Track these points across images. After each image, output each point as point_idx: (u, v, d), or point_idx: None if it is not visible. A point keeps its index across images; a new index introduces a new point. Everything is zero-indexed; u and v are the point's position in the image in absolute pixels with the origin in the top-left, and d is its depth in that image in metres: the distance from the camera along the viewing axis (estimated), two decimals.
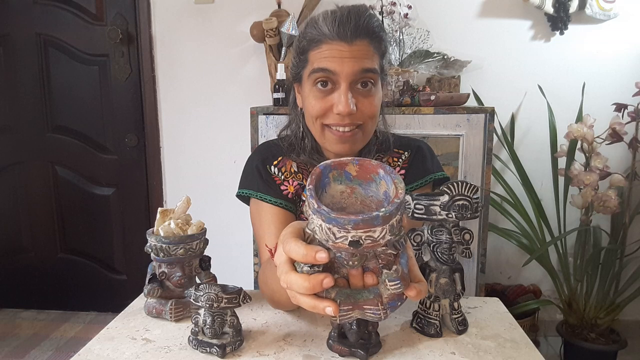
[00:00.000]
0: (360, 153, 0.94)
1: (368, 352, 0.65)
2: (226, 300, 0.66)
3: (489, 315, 0.81)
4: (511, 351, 0.69)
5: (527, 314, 1.95)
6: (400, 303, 0.51)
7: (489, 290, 2.05)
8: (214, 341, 0.67)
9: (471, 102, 1.88)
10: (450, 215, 0.67)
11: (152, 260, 0.80)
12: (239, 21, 2.09)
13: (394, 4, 1.87)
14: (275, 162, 0.97)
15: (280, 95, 1.69)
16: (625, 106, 1.75)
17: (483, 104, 1.97)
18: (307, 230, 0.51)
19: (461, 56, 1.94)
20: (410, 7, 1.88)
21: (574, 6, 1.93)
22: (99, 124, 2.29)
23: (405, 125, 1.58)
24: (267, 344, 0.71)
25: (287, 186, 0.95)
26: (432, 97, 1.58)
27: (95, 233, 2.40)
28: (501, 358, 0.67)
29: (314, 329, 0.75)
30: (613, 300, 1.86)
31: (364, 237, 0.44)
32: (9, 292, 2.46)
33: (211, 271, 0.84)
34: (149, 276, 0.80)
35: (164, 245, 0.76)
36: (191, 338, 0.69)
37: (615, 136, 1.73)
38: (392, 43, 1.87)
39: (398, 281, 0.49)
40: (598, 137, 1.77)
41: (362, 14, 0.81)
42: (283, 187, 0.95)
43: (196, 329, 0.68)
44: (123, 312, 0.83)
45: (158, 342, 0.72)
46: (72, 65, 2.24)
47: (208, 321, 0.67)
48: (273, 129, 1.63)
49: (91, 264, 2.43)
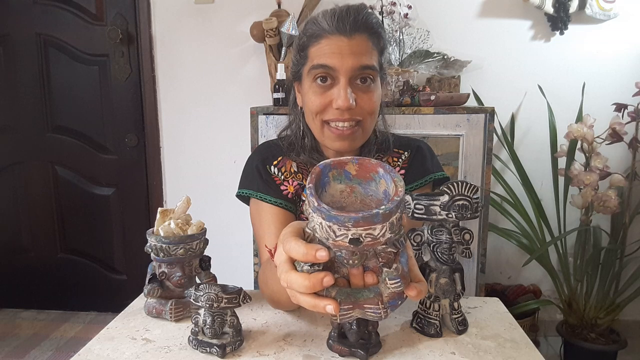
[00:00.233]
0: (361, 153, 0.94)
1: (368, 352, 0.65)
2: (226, 300, 0.66)
3: (489, 315, 0.81)
4: (511, 351, 0.69)
5: (527, 314, 1.95)
6: (400, 302, 0.51)
7: (489, 290, 2.05)
8: (214, 341, 0.67)
9: (471, 102, 1.88)
10: (450, 215, 0.67)
11: (152, 260, 0.80)
12: (239, 21, 2.09)
13: (394, 4, 1.87)
14: (275, 162, 0.97)
15: (280, 95, 1.69)
16: (625, 106, 1.75)
17: (483, 104, 1.97)
18: (307, 229, 0.51)
19: (461, 56, 1.94)
20: (410, 7, 1.88)
21: (574, 6, 1.93)
22: (99, 124, 2.29)
23: (405, 125, 1.58)
24: (267, 344, 0.71)
25: (287, 186, 0.95)
26: (432, 97, 1.58)
27: (95, 233, 2.40)
28: (501, 358, 0.67)
29: (314, 329, 0.75)
30: (613, 300, 1.86)
31: (364, 235, 0.44)
32: (9, 292, 2.47)
33: (211, 271, 0.84)
34: (149, 276, 0.80)
35: (164, 245, 0.76)
36: (191, 338, 0.69)
37: (615, 136, 1.73)
38: (392, 43, 1.87)
39: (398, 279, 0.49)
40: (598, 137, 1.77)
41: (361, 10, 0.84)
42: (283, 187, 0.95)
43: (196, 329, 0.68)
44: (123, 312, 0.83)
45: (158, 342, 0.72)
46: (72, 65, 2.24)
47: (208, 321, 0.67)
48: (273, 129, 1.63)
49: (91, 264, 2.43)
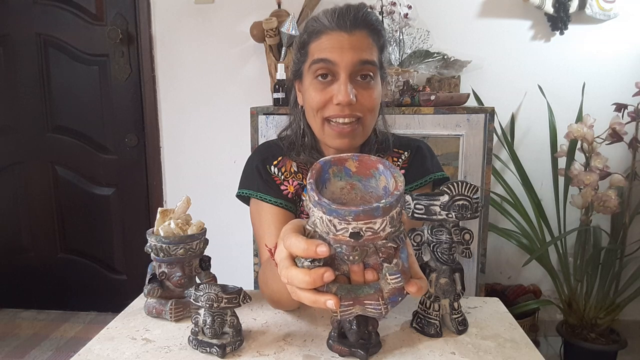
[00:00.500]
0: (361, 152, 0.94)
1: (368, 352, 0.65)
2: (226, 300, 0.66)
3: (489, 315, 0.81)
4: (511, 351, 0.69)
5: (527, 314, 1.95)
6: (400, 298, 0.51)
7: (489, 290, 2.05)
8: (214, 341, 0.67)
9: (471, 102, 1.88)
10: (450, 215, 0.67)
11: (152, 260, 0.80)
12: (239, 21, 2.09)
13: (394, 4, 1.87)
14: (275, 162, 0.97)
15: (280, 95, 1.69)
16: (625, 106, 1.75)
17: (483, 104, 1.97)
18: (307, 226, 0.51)
19: (461, 56, 1.94)
20: (410, 7, 1.88)
21: (574, 6, 1.93)
22: (99, 124, 2.29)
23: (405, 125, 1.58)
24: (267, 344, 0.71)
25: (287, 186, 0.95)
26: (432, 97, 1.58)
27: (95, 233, 2.40)
28: (501, 358, 0.67)
29: (314, 329, 0.75)
30: (613, 300, 1.86)
31: (364, 229, 0.44)
32: (9, 292, 2.46)
33: (211, 271, 0.84)
34: (149, 276, 0.80)
35: (164, 245, 0.76)
36: (191, 338, 0.69)
37: (615, 136, 1.73)
38: (392, 43, 1.87)
39: (399, 274, 0.49)
40: (598, 137, 1.77)
41: (361, 8, 0.85)
42: (283, 187, 0.95)
43: (196, 329, 0.68)
44: (123, 312, 0.83)
45: (158, 342, 0.72)
46: (72, 65, 2.24)
47: (208, 321, 0.67)
48: (273, 129, 1.63)
49: (91, 264, 2.43)
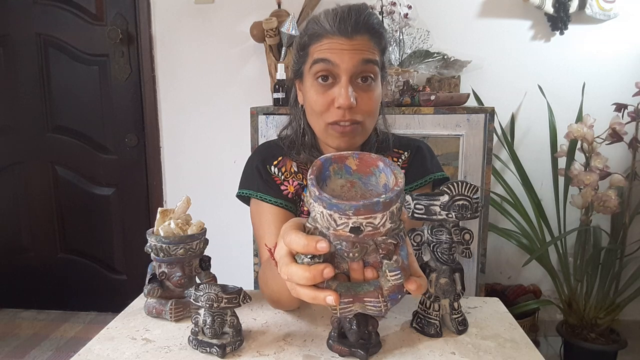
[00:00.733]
0: (362, 151, 0.94)
1: (368, 352, 0.65)
2: (226, 300, 0.66)
3: (489, 315, 0.81)
4: (511, 351, 0.69)
5: (527, 314, 1.95)
6: (400, 296, 0.50)
7: (489, 290, 2.05)
8: (214, 341, 0.67)
9: (471, 102, 1.88)
10: (450, 215, 0.67)
11: (152, 260, 0.80)
12: (239, 21, 2.09)
13: (394, 4, 1.87)
14: (275, 162, 0.97)
15: (280, 95, 1.68)
16: (625, 106, 1.75)
17: (483, 104, 1.97)
18: (307, 224, 0.51)
19: (461, 56, 1.94)
20: (410, 7, 1.88)
21: (574, 6, 1.93)
22: (99, 124, 2.29)
23: (405, 125, 1.58)
24: (267, 344, 0.71)
25: (287, 186, 0.95)
26: (432, 97, 1.58)
27: (95, 233, 2.40)
28: (501, 358, 0.67)
29: (314, 329, 0.75)
30: (613, 300, 1.86)
31: (364, 224, 0.44)
32: (9, 292, 2.46)
33: (211, 271, 0.84)
34: (149, 276, 0.80)
35: (164, 245, 0.76)
36: (191, 338, 0.69)
37: (615, 136, 1.73)
38: (392, 43, 1.87)
39: (398, 271, 0.49)
40: (598, 137, 1.77)
41: (362, 11, 0.84)
42: (283, 187, 0.95)
43: (196, 329, 0.68)
44: (123, 312, 0.83)
45: (158, 342, 0.72)
46: (72, 65, 2.24)
47: (208, 321, 0.67)
48: (273, 129, 1.63)
49: (91, 264, 2.43)
